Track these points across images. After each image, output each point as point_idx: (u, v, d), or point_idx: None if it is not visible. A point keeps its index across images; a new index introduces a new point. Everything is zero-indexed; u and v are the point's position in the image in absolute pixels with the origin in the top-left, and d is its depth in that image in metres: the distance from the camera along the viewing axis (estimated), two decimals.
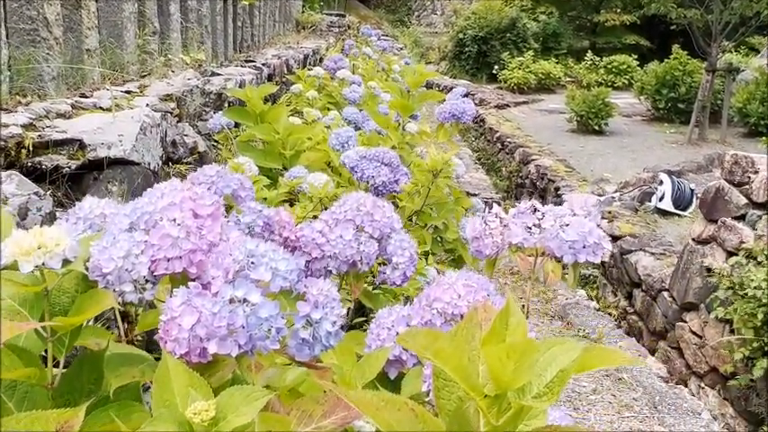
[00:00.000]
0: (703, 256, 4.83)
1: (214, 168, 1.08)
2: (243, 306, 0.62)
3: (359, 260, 1.11)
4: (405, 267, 1.15)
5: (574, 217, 1.07)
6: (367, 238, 1.12)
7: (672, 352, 5.23)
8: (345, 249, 1.10)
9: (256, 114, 2.81)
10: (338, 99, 4.81)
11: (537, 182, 9.01)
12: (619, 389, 2.68)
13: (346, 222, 1.13)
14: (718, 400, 4.63)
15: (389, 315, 1.01)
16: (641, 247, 6.11)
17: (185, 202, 0.76)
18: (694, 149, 10.27)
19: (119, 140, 2.21)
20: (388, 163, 2.27)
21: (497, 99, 14.32)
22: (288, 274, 0.68)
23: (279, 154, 2.74)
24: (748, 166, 4.60)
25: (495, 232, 1.10)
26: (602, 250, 1.05)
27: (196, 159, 2.82)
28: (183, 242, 0.73)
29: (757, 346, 3.86)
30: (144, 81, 3.30)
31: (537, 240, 1.08)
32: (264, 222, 1.08)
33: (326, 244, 1.11)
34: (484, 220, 1.11)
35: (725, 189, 4.76)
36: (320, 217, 1.17)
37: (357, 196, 1.16)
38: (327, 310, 0.68)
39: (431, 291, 0.99)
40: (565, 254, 1.05)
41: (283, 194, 2.45)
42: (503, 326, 0.60)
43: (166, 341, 0.63)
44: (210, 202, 0.78)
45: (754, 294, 3.75)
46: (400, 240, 1.16)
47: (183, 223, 0.74)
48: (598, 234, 1.05)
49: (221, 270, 0.69)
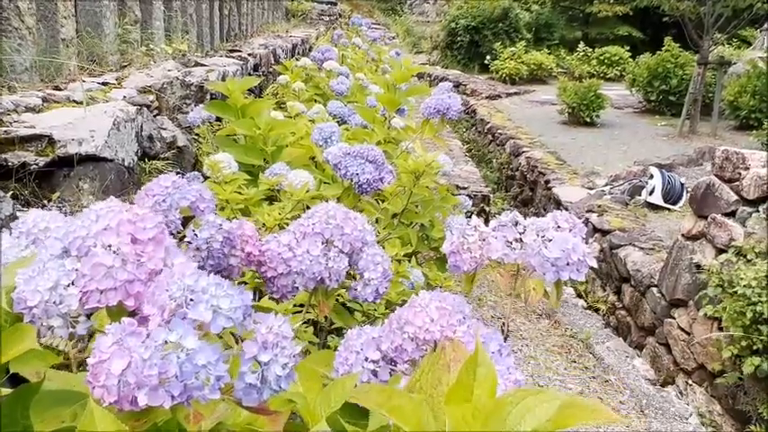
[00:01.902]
0: (693, 252, 4.80)
1: (169, 178, 1.01)
2: (177, 352, 0.55)
3: (327, 277, 1.04)
4: (377, 284, 1.08)
5: (557, 232, 1.01)
6: (336, 253, 1.05)
7: (660, 348, 5.20)
8: (313, 266, 1.03)
9: (237, 108, 2.72)
10: (325, 91, 4.73)
11: (527, 174, 8.96)
12: (606, 391, 2.63)
13: (314, 236, 1.06)
14: (705, 398, 4.61)
15: (358, 337, 0.95)
16: (631, 242, 6.07)
17: (123, 225, 0.69)
18: (685, 142, 10.24)
19: (90, 136, 2.13)
20: (372, 160, 2.20)
21: (489, 90, 14.24)
22: (232, 312, 0.61)
23: (260, 150, 2.66)
24: (739, 163, 4.55)
25: (473, 247, 1.04)
26: (587, 268, 0.98)
27: (175, 154, 2.73)
28: (118, 272, 0.66)
29: (746, 344, 3.82)
30: (123, 72, 3.20)
31: (518, 256, 1.01)
32: (225, 238, 1.01)
33: (293, 259, 1.04)
34: (462, 233, 1.05)
35: (715, 185, 4.71)
36: (288, 228, 1.10)
37: (327, 207, 1.09)
38: (278, 351, 0.61)
39: (402, 312, 0.92)
40: (547, 271, 0.98)
41: (263, 192, 2.38)
42: (470, 378, 0.53)
43: (94, 387, 0.56)
44: (152, 225, 0.70)
45: (744, 293, 3.71)
46: (373, 255, 1.09)
47: (120, 250, 0.67)
48: (582, 250, 0.98)
49: (156, 307, 0.62)
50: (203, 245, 0.99)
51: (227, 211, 1.96)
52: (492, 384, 0.53)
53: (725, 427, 4.36)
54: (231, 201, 1.93)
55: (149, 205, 0.96)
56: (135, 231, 0.69)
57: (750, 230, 4.17)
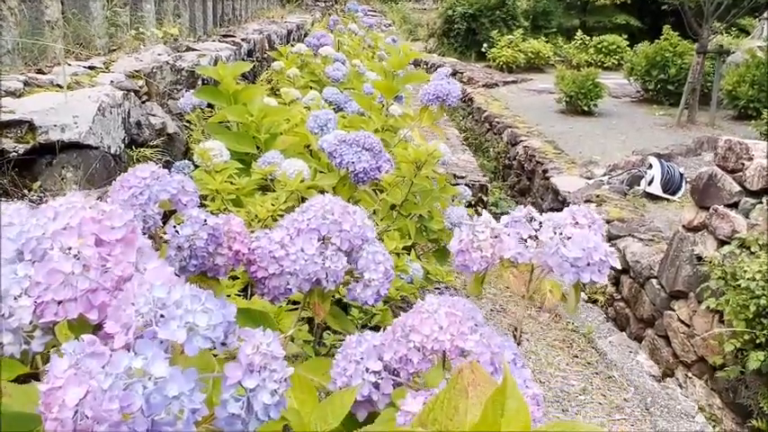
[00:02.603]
0: (694, 243, 4.72)
1: (148, 169, 0.91)
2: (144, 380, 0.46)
3: (324, 278, 0.95)
4: (378, 285, 0.99)
5: (576, 229, 0.91)
6: (334, 252, 0.96)
7: (659, 340, 5.14)
8: (307, 266, 0.93)
9: (229, 94, 2.62)
10: (321, 77, 4.61)
11: (525, 163, 8.87)
12: (609, 388, 2.56)
13: (310, 232, 0.96)
14: (705, 391, 4.55)
15: (358, 345, 0.86)
16: (630, 233, 6.00)
17: (86, 224, 0.59)
18: (683, 132, 10.16)
19: (74, 122, 2.02)
20: (369, 148, 2.10)
21: (486, 78, 14.12)
22: (211, 331, 0.51)
23: (253, 137, 2.56)
24: (743, 153, 4.47)
25: (484, 245, 0.94)
26: (609, 269, 0.89)
27: (165, 142, 2.63)
28: (78, 280, 0.56)
29: (749, 338, 3.76)
30: (111, 56, 3.08)
31: (533, 255, 0.92)
32: (209, 235, 0.91)
33: (286, 258, 0.94)
34: (472, 230, 0.95)
35: (718, 176, 4.63)
36: (281, 223, 1.00)
37: (323, 201, 1.00)
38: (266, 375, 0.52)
39: (407, 318, 0.83)
40: (566, 272, 0.89)
41: (256, 182, 2.28)
42: (496, 413, 0.44)
43: (47, 418, 0.47)
44: (121, 223, 0.61)
45: (748, 286, 3.64)
46: (374, 253, 0.99)
47: (81, 254, 0.58)
48: (604, 249, 0.89)
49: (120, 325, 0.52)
50: (185, 243, 0.90)
51: (217, 202, 1.86)
52: (525, 422, 0.44)
53: (725, 421, 4.30)
54: (222, 191, 1.84)
55: (124, 198, 0.87)
56: (100, 231, 0.59)
57: (753, 222, 4.10)
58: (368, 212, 1.95)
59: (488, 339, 0.80)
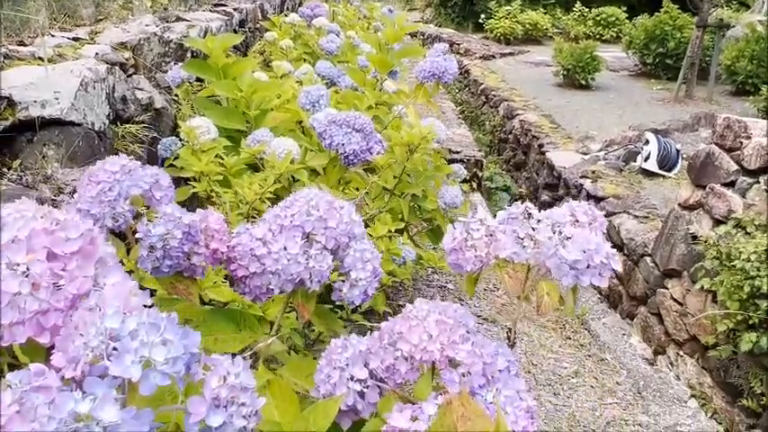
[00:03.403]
0: (689, 222, 4.69)
1: (118, 162, 0.85)
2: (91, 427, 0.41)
3: (308, 278, 0.90)
4: (366, 284, 0.94)
5: (576, 228, 0.86)
6: (319, 250, 0.91)
7: (651, 318, 5.14)
8: (291, 266, 0.88)
9: (218, 68, 2.54)
10: (315, 49, 4.52)
11: (521, 138, 8.79)
12: (601, 371, 2.53)
13: (293, 229, 0.91)
14: (696, 369, 4.56)
15: (344, 350, 0.81)
16: (624, 210, 5.96)
17: (36, 236, 0.54)
18: (681, 107, 10.08)
19: (54, 98, 1.95)
20: (360, 129, 2.04)
21: (483, 50, 13.95)
22: (170, 365, 0.46)
23: (243, 114, 2.49)
24: (741, 131, 4.41)
25: (479, 244, 0.89)
26: (610, 272, 0.84)
27: (152, 117, 2.55)
28: (27, 300, 0.51)
29: (742, 319, 3.74)
30: (97, 27, 2.99)
31: (530, 256, 0.87)
32: (184, 233, 0.86)
33: (268, 257, 0.89)
34: (465, 227, 0.90)
35: (715, 154, 4.58)
36: (263, 217, 0.95)
37: (308, 195, 0.94)
38: (233, 411, 0.47)
39: (395, 324, 0.78)
40: (565, 275, 0.85)
41: (244, 161, 2.22)
42: None
43: None
44: (77, 234, 0.55)
45: (743, 267, 3.61)
46: (361, 251, 0.94)
47: (30, 271, 0.52)
48: (606, 251, 0.84)
49: (67, 359, 0.47)
50: (158, 243, 0.84)
51: (203, 184, 1.80)
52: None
53: (715, 399, 4.31)
54: (208, 172, 1.78)
55: (92, 195, 0.81)
56: (53, 244, 0.54)
57: (750, 202, 4.06)
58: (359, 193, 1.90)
59: (480, 348, 0.75)
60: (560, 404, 2.27)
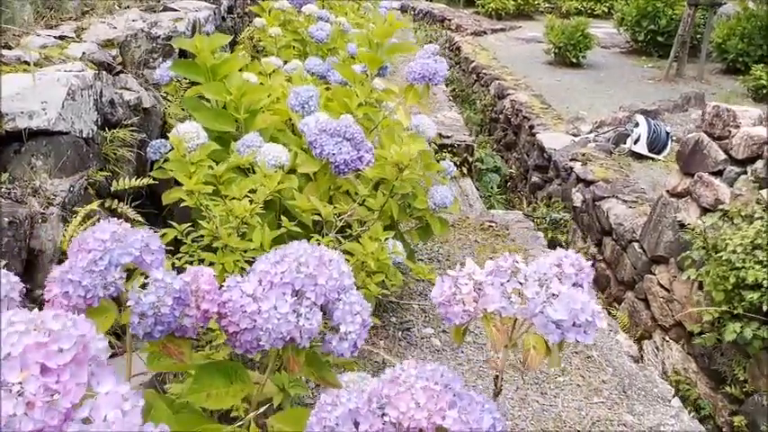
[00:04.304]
0: (677, 210, 4.73)
1: (108, 228, 0.85)
2: None
3: (298, 336, 0.91)
4: (355, 337, 0.96)
5: (563, 285, 0.88)
6: (309, 307, 0.92)
7: (638, 303, 5.21)
8: (281, 325, 0.89)
9: (207, 68, 2.52)
10: (304, 36, 4.48)
11: (512, 118, 8.78)
12: (588, 369, 2.58)
13: (283, 287, 0.92)
14: (681, 355, 4.64)
15: (333, 408, 0.83)
16: (614, 194, 6.00)
17: (30, 351, 0.54)
18: (671, 86, 10.08)
19: (42, 108, 1.93)
20: (350, 138, 2.04)
21: (474, 25, 13.83)
22: None
23: (232, 115, 2.47)
24: (730, 120, 4.43)
25: (466, 298, 0.91)
26: (596, 329, 0.86)
27: (141, 118, 2.53)
28: (22, 422, 0.52)
29: (727, 308, 3.80)
30: (82, 22, 2.95)
31: (517, 312, 0.89)
32: (175, 298, 0.87)
33: (258, 315, 0.90)
34: (454, 281, 0.91)
35: (704, 142, 4.60)
36: (254, 268, 0.95)
37: (298, 251, 0.94)
38: None
39: (382, 387, 0.80)
40: (551, 333, 0.86)
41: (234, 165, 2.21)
42: None
43: None
44: (70, 344, 0.56)
45: (729, 258, 3.66)
46: (350, 304, 0.95)
47: (25, 390, 0.53)
48: (591, 309, 0.86)
49: None
50: (149, 311, 0.85)
51: (193, 198, 1.80)
52: None
53: (699, 385, 4.40)
54: (197, 191, 1.77)
55: (83, 266, 0.81)
56: (47, 358, 0.55)
57: (737, 192, 4.09)
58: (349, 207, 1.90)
59: (467, 415, 0.77)
60: (547, 404, 2.32)
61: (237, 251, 1.71)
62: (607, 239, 5.78)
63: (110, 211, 2.30)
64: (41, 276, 1.81)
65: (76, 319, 0.59)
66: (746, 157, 4.18)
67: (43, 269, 1.81)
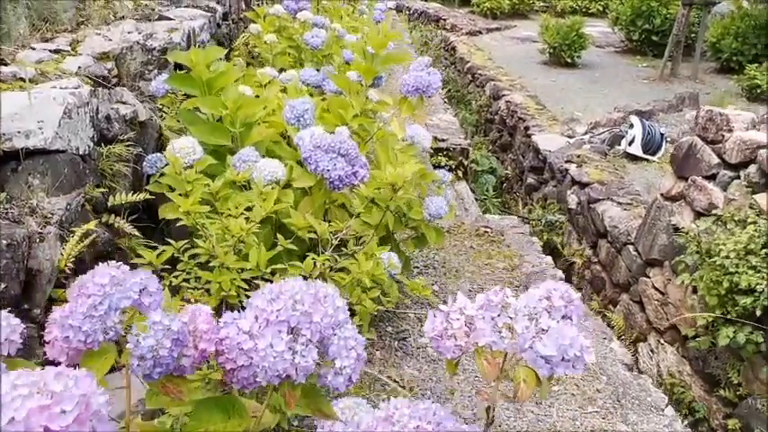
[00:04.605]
0: (671, 213, 4.76)
1: (107, 272, 0.87)
2: None
3: (294, 373, 0.93)
4: (350, 371, 0.98)
5: (552, 321, 0.90)
6: (305, 344, 0.94)
7: (633, 306, 5.25)
8: (277, 362, 0.91)
9: (203, 82, 2.53)
10: (299, 43, 4.49)
11: (507, 119, 8.80)
12: (583, 378, 2.60)
13: (279, 324, 0.93)
14: (676, 358, 4.67)
15: None
16: (608, 196, 6.02)
17: (33, 415, 0.56)
18: (666, 86, 10.11)
19: (38, 127, 1.95)
20: (344, 154, 2.06)
21: (469, 25, 13.85)
22: None
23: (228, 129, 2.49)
24: (723, 124, 4.45)
25: (458, 333, 0.93)
26: (584, 364, 0.88)
27: (137, 132, 2.55)
28: None
29: (720, 313, 3.84)
30: (78, 34, 2.95)
31: (507, 346, 0.91)
32: (173, 340, 0.88)
33: (255, 352, 0.92)
34: (446, 317, 0.93)
35: (697, 146, 4.63)
36: (250, 302, 0.97)
37: (293, 289, 0.96)
38: None
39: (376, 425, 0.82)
40: (540, 367, 0.88)
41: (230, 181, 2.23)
42: None
43: None
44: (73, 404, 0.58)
45: (722, 263, 3.69)
46: (345, 339, 0.97)
47: None
48: (580, 344, 0.88)
49: None
50: (148, 354, 0.87)
51: (190, 219, 1.82)
52: None
53: (694, 387, 4.44)
54: (193, 212, 1.79)
55: (83, 311, 0.83)
56: (50, 420, 0.57)
57: (730, 197, 4.12)
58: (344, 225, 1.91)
59: None
60: (542, 414, 2.34)
61: (234, 270, 1.73)
62: (602, 242, 5.81)
63: (107, 227, 2.31)
64: (39, 296, 1.83)
65: (78, 376, 0.61)
66: (740, 161, 4.20)
67: (41, 289, 1.82)
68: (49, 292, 1.89)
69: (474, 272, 3.55)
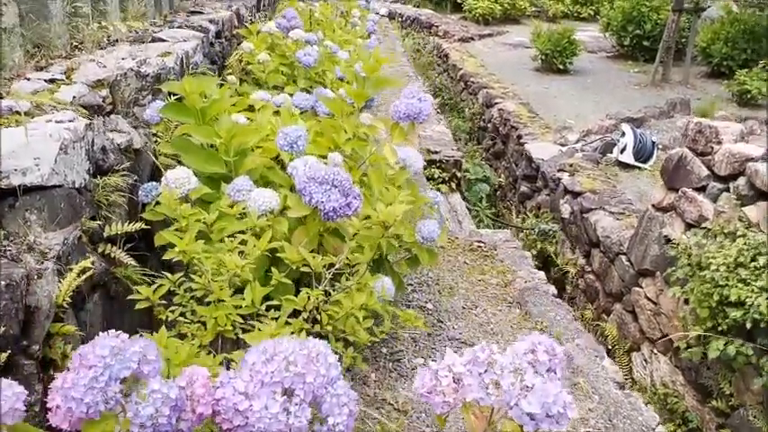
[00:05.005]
0: (662, 224, 4.81)
1: (107, 344, 0.90)
2: None
3: None
4: (343, 428, 1.01)
5: (536, 376, 0.94)
6: (298, 404, 0.97)
7: (626, 315, 5.29)
8: (272, 424, 0.95)
9: (197, 110, 2.56)
10: (292, 60, 4.53)
11: (500, 127, 8.85)
12: (576, 397, 2.64)
13: (273, 385, 0.97)
14: (669, 368, 4.72)
15: None
16: (601, 206, 6.07)
17: None
18: (657, 92, 10.19)
19: (35, 164, 1.98)
20: (338, 185, 2.09)
21: (462, 31, 13.91)
22: None
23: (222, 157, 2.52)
24: (712, 137, 4.51)
25: (446, 390, 0.96)
26: (568, 420, 0.92)
27: (132, 161, 2.58)
28: None
29: (711, 325, 3.88)
30: (72, 62, 2.98)
31: (494, 402, 0.95)
32: (172, 407, 0.92)
33: (250, 412, 0.95)
34: (434, 374, 0.97)
35: (687, 158, 4.68)
36: (245, 360, 1.00)
37: (287, 350, 1.00)
38: None
39: None
40: (526, 424, 0.92)
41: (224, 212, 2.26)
42: None
43: None
44: None
45: (712, 276, 3.73)
46: (337, 396, 1.01)
47: None
48: (563, 401, 0.92)
49: None
50: (147, 422, 0.90)
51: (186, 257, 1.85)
52: None
53: (687, 397, 4.48)
54: (189, 252, 1.82)
55: (85, 383, 0.86)
56: None
57: (720, 209, 4.17)
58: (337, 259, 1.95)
59: None
60: None
61: (230, 305, 1.76)
62: (595, 251, 5.86)
63: (103, 257, 2.34)
64: (38, 332, 1.86)
65: None
66: (729, 173, 4.25)
67: (40, 325, 1.85)
68: (47, 327, 1.91)
69: (468, 288, 3.59)
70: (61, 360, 1.96)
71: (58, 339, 1.96)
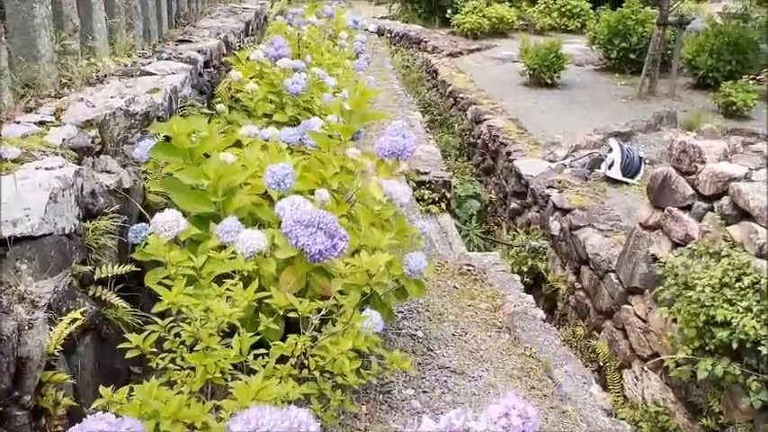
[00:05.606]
0: (650, 242, 4.86)
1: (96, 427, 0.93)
2: None
3: None
4: None
5: None
6: None
7: (617, 333, 5.34)
8: None
9: (185, 151, 2.60)
10: (280, 88, 4.58)
11: (489, 143, 8.92)
12: (564, 425, 2.68)
13: None
14: (659, 385, 4.76)
15: None
16: (590, 223, 6.13)
17: None
18: (644, 104, 10.30)
19: (25, 215, 2.01)
20: (323, 227, 2.13)
21: (450, 46, 14.02)
22: None
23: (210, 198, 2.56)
24: (696, 156, 4.57)
25: None
26: None
27: (122, 201, 2.61)
28: None
29: (699, 344, 3.93)
30: (62, 101, 3.02)
31: None
32: None
33: None
34: None
35: (672, 177, 4.74)
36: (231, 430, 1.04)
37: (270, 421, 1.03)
38: None
39: None
40: None
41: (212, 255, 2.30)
42: None
43: None
44: None
45: (698, 297, 3.79)
46: None
47: None
48: None
49: None
50: None
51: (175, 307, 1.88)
52: None
53: (677, 415, 4.52)
54: (177, 303, 1.86)
55: None
56: None
57: (705, 229, 4.23)
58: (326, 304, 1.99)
59: None
60: None
61: (219, 353, 1.79)
62: (585, 268, 5.91)
63: (94, 299, 2.37)
64: (30, 383, 1.89)
65: None
66: (713, 193, 4.32)
67: (31, 375, 1.88)
68: (39, 376, 1.94)
69: (457, 314, 3.62)
70: (53, 408, 1.99)
71: (50, 387, 1.99)
